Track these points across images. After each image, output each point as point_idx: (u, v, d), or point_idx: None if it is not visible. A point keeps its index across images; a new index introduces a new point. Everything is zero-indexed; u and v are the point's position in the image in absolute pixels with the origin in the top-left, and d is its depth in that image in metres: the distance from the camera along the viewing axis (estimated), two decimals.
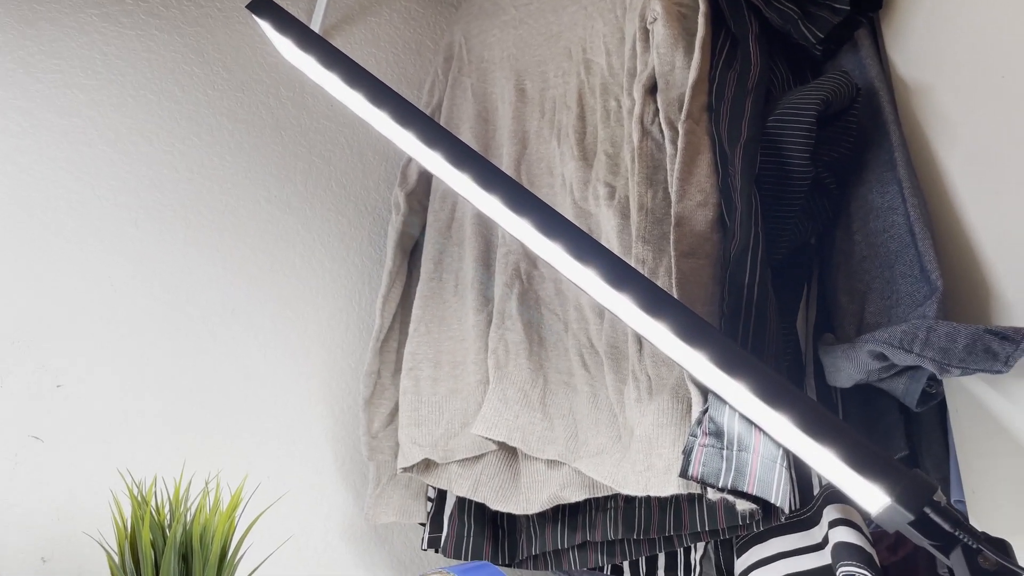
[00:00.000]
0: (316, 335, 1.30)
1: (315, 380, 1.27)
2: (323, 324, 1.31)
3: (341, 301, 1.33)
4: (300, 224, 1.34)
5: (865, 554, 0.70)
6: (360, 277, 1.36)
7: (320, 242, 1.35)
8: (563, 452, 0.92)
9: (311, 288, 1.32)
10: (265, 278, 1.29)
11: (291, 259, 1.32)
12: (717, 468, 0.71)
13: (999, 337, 0.67)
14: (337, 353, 1.30)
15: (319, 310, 1.31)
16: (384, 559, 1.23)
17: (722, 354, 0.69)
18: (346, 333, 1.32)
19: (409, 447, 1.05)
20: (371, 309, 1.34)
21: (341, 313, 1.33)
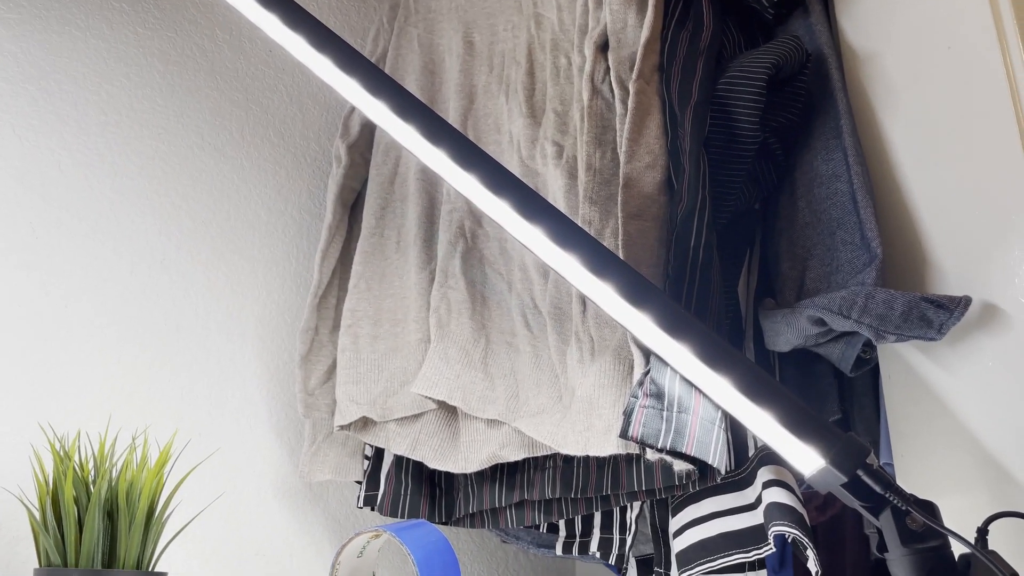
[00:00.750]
0: (251, 290, 1.26)
1: (249, 336, 1.24)
2: (258, 279, 1.27)
3: (278, 255, 1.30)
4: (235, 174, 1.29)
5: (797, 514, 0.71)
6: (298, 231, 1.32)
7: (256, 193, 1.30)
8: (503, 412, 0.92)
9: (246, 241, 1.28)
10: (197, 229, 1.24)
11: (225, 210, 1.27)
12: (657, 429, 0.72)
13: (935, 305, 0.68)
14: (273, 308, 1.27)
15: (254, 264, 1.27)
16: (319, 517, 1.22)
17: (666, 316, 0.69)
18: (282, 288, 1.29)
19: (347, 405, 1.03)
20: (309, 264, 1.31)
21: (277, 267, 1.29)
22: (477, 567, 1.34)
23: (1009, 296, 0.67)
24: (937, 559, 0.58)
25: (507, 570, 1.37)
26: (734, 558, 0.77)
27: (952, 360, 0.70)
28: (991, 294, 0.68)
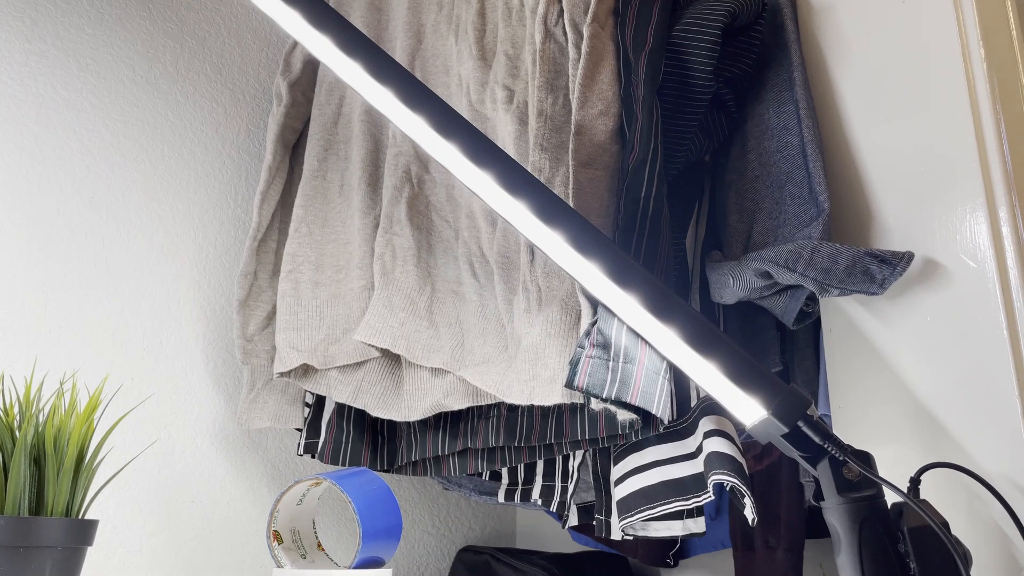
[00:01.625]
0: (186, 231, 1.21)
1: (185, 279, 1.20)
2: (194, 220, 1.22)
3: (215, 196, 1.25)
4: (169, 109, 1.23)
5: (736, 463, 0.72)
6: (236, 171, 1.27)
7: (192, 130, 1.25)
8: (448, 360, 0.91)
9: (181, 180, 1.22)
10: (129, 166, 1.18)
11: (159, 147, 1.21)
12: (602, 379, 0.72)
13: (878, 260, 0.69)
14: (210, 251, 1.23)
15: (190, 204, 1.22)
16: (258, 465, 1.20)
17: (615, 266, 0.69)
18: (220, 231, 1.24)
19: (287, 351, 1.01)
20: (248, 206, 1.26)
21: (215, 209, 1.25)
22: (419, 514, 1.35)
23: (950, 253, 0.68)
24: (871, 508, 0.60)
25: (449, 517, 1.38)
26: (673, 506, 0.78)
27: (892, 314, 0.72)
28: (933, 250, 0.69)
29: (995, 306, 0.64)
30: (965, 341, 0.66)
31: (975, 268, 0.66)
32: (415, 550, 1.33)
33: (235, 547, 1.15)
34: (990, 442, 0.63)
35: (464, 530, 1.39)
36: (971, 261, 0.67)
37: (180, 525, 1.12)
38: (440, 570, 1.34)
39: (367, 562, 0.76)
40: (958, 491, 0.64)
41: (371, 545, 0.76)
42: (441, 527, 1.36)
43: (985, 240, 0.66)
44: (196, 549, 1.13)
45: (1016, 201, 0.66)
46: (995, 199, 0.67)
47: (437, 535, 1.36)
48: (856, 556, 0.59)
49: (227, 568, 1.14)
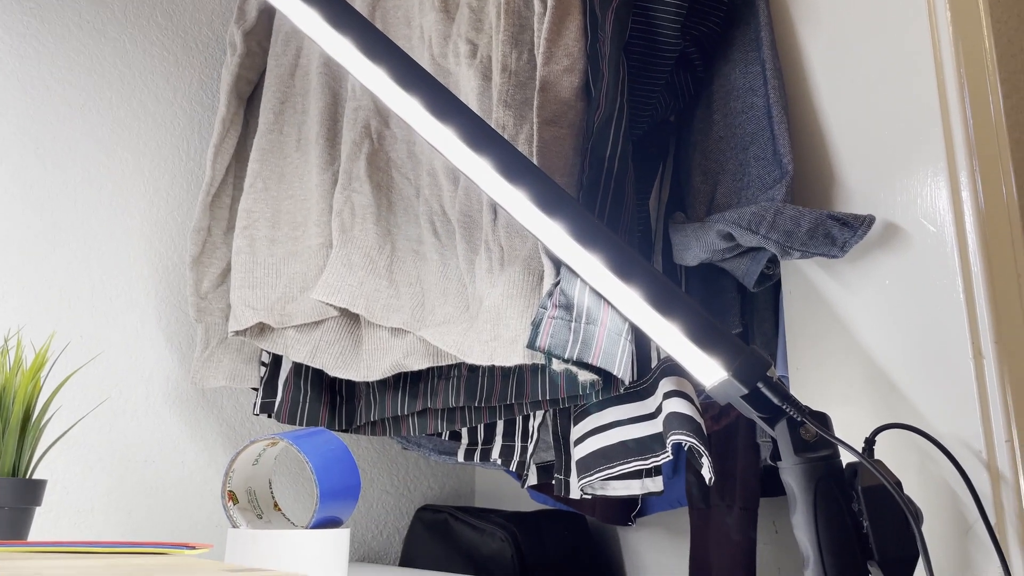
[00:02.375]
0: (137, 185, 1.17)
1: (135, 234, 1.16)
2: (145, 173, 1.18)
3: (166, 149, 1.21)
4: (118, 57, 1.18)
5: (695, 423, 0.73)
6: (189, 123, 1.23)
7: (142, 80, 1.20)
8: (408, 320, 0.90)
9: (131, 132, 1.18)
10: (76, 116, 1.14)
11: (107, 97, 1.17)
12: (564, 340, 0.71)
13: (840, 223, 0.69)
14: (161, 206, 1.19)
15: (140, 157, 1.18)
16: (213, 424, 1.18)
17: (579, 226, 0.68)
18: (172, 184, 1.21)
19: (242, 310, 0.99)
20: (201, 159, 1.23)
21: (166, 162, 1.21)
22: (377, 474, 1.34)
23: (910, 216, 0.69)
24: (827, 468, 0.61)
25: (407, 476, 1.38)
26: (632, 465, 0.78)
27: (851, 277, 0.72)
28: (893, 214, 0.70)
29: (952, 270, 0.65)
30: (922, 304, 0.67)
31: (934, 232, 0.67)
32: (373, 509, 1.33)
33: (190, 507, 1.14)
34: (943, 404, 0.64)
35: (423, 489, 1.39)
36: (930, 225, 0.67)
37: (133, 485, 1.10)
38: (398, 529, 1.34)
39: (325, 522, 0.76)
40: (911, 451, 0.65)
41: (329, 505, 0.75)
42: (400, 486, 1.36)
43: (945, 204, 0.67)
44: (150, 509, 1.11)
45: (976, 167, 0.67)
46: (956, 164, 0.67)
47: (396, 494, 1.36)
48: (811, 515, 0.60)
49: (181, 528, 1.12)
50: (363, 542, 1.30)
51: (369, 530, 1.31)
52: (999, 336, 0.63)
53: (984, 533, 0.59)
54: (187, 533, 1.12)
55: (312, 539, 0.72)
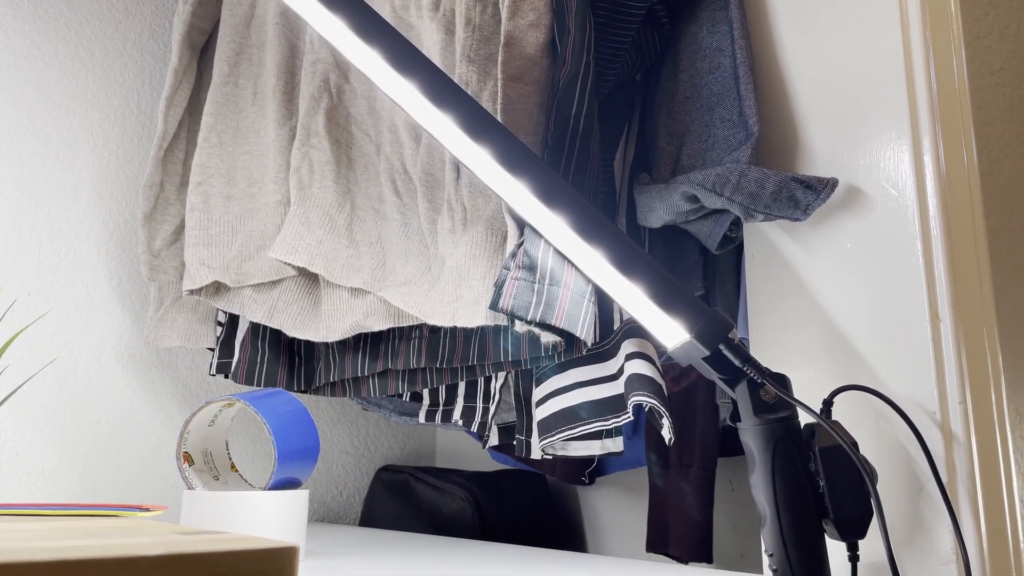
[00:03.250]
0: (85, 138, 1.13)
1: (84, 189, 1.12)
2: (93, 126, 1.14)
3: (116, 100, 1.16)
4: (64, 4, 1.13)
5: (656, 385, 0.73)
6: (139, 74, 1.19)
7: (89, 28, 1.15)
8: (369, 281, 0.88)
9: (78, 82, 1.13)
10: (20, 65, 1.08)
11: (53, 46, 1.12)
12: (527, 301, 0.70)
13: (803, 186, 0.69)
14: (111, 160, 1.15)
15: (89, 109, 1.14)
16: (167, 385, 1.16)
17: (544, 185, 0.67)
18: (122, 138, 1.16)
19: (196, 268, 0.96)
20: (152, 112, 1.18)
21: (116, 115, 1.16)
22: (337, 434, 1.33)
23: (873, 180, 0.69)
24: (785, 428, 0.61)
25: (368, 437, 1.37)
26: (593, 426, 0.78)
27: (813, 240, 0.72)
28: (856, 177, 0.70)
29: (913, 233, 0.66)
30: (882, 268, 0.67)
31: (896, 196, 0.67)
32: (333, 470, 1.32)
33: (145, 468, 1.12)
34: (900, 366, 0.65)
35: (383, 450, 1.39)
36: (892, 189, 0.68)
37: (85, 446, 1.08)
38: (359, 489, 1.34)
39: (283, 483, 0.75)
40: (867, 413, 0.66)
41: (287, 466, 0.74)
42: (360, 447, 1.36)
43: (907, 168, 0.67)
44: (103, 471, 1.09)
45: (939, 131, 0.67)
46: (919, 128, 0.67)
47: (356, 455, 1.35)
48: (769, 475, 0.61)
49: (136, 490, 1.11)
50: (323, 503, 1.30)
51: (329, 491, 1.31)
52: (956, 300, 0.64)
53: (936, 492, 0.61)
54: (142, 495, 1.11)
55: (270, 500, 0.71)
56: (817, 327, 0.71)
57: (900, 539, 0.63)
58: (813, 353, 0.71)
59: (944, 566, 0.60)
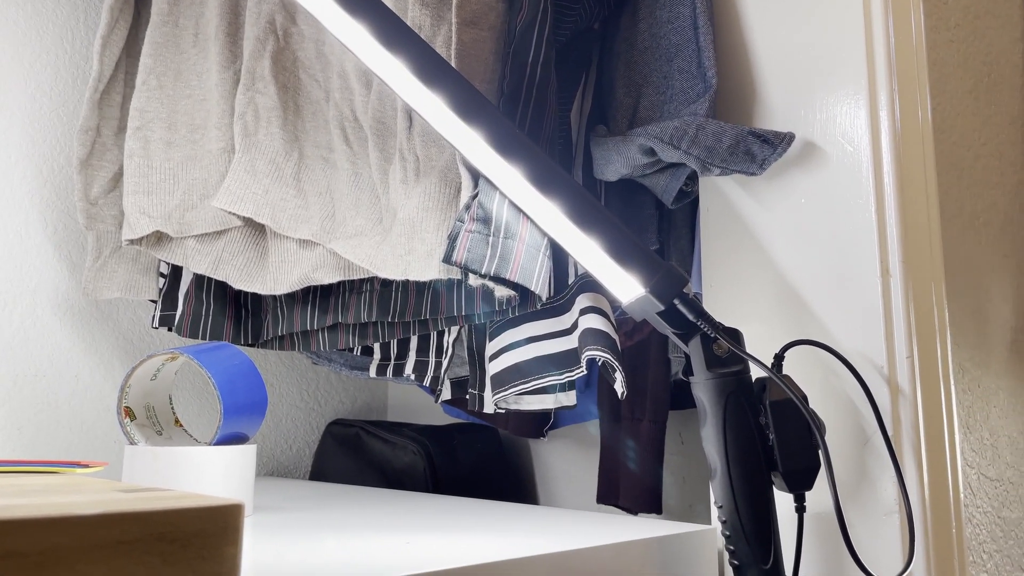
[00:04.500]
0: (15, 79, 1.07)
1: (15, 132, 1.06)
2: (24, 66, 1.08)
3: (48, 39, 1.10)
4: None
5: (609, 339, 0.73)
6: (72, 11, 1.12)
7: None
8: (318, 232, 0.86)
9: (6, 18, 1.07)
10: None
11: None
12: (482, 255, 0.69)
13: (760, 140, 0.69)
14: (43, 102, 1.09)
15: (18, 48, 1.07)
16: (108, 337, 1.12)
17: (499, 135, 0.65)
18: (55, 79, 1.10)
19: (136, 217, 0.92)
20: (87, 52, 1.12)
21: (48, 54, 1.10)
22: (286, 388, 1.31)
23: (829, 135, 0.69)
24: (737, 383, 0.61)
25: (318, 391, 1.35)
26: (547, 380, 0.78)
27: (768, 195, 0.72)
28: (812, 133, 0.70)
29: (866, 189, 0.66)
30: (835, 223, 0.67)
31: (851, 152, 0.67)
32: (283, 424, 1.30)
33: (85, 423, 1.09)
34: (850, 321, 0.65)
35: (334, 404, 1.37)
36: (848, 145, 0.67)
37: (22, 401, 1.04)
38: (309, 443, 1.33)
39: (229, 438, 0.73)
40: (816, 367, 0.67)
41: (233, 421, 0.72)
42: (310, 401, 1.34)
43: (863, 124, 0.67)
44: (41, 425, 1.05)
45: (896, 87, 0.67)
46: (876, 84, 0.67)
47: (306, 409, 1.33)
48: (720, 428, 0.61)
49: (76, 445, 1.08)
50: (272, 456, 1.28)
51: (278, 445, 1.29)
52: (906, 255, 0.64)
53: (881, 444, 0.62)
54: (83, 451, 1.08)
55: (215, 456, 0.70)
56: (770, 282, 0.71)
57: (845, 491, 0.64)
58: (766, 308, 0.71)
59: (887, 516, 0.62)
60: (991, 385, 0.76)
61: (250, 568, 0.50)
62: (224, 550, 0.41)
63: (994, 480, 0.73)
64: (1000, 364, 0.78)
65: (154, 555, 0.39)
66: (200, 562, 0.40)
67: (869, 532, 0.62)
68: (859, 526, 0.63)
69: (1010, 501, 0.75)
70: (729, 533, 0.61)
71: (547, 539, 0.64)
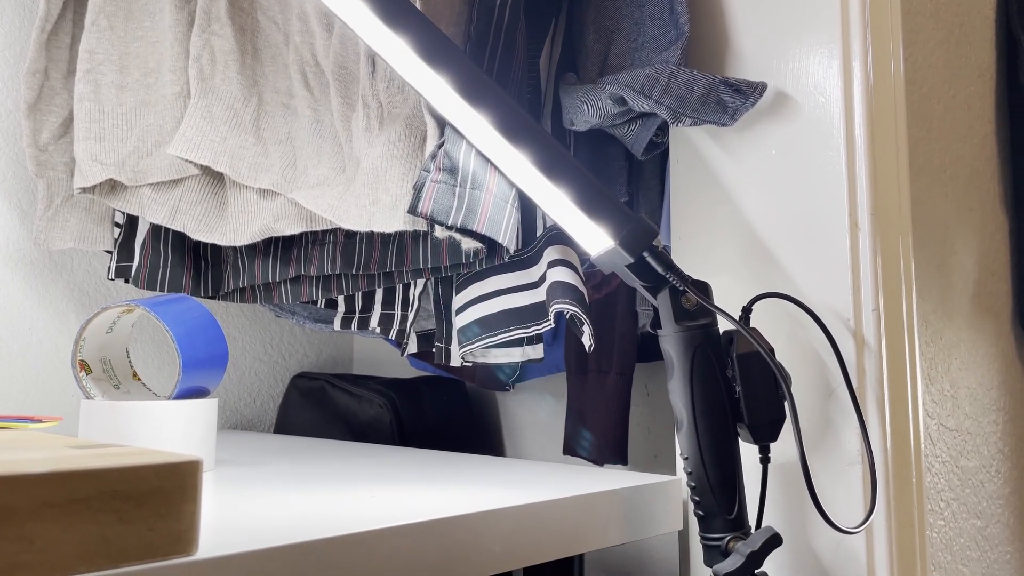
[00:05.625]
0: None
1: None
2: None
3: None
4: None
5: (578, 292, 0.72)
6: None
7: None
8: (278, 181, 0.83)
9: None
10: None
11: None
12: (448, 206, 0.67)
13: (732, 89, 0.68)
14: None
15: None
16: (63, 289, 1.09)
17: (466, 80, 0.63)
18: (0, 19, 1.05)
19: (88, 164, 0.89)
20: None
21: None
22: (249, 341, 1.29)
23: (801, 86, 0.68)
24: (705, 335, 0.61)
25: (282, 344, 1.34)
26: (514, 333, 0.77)
27: (738, 146, 0.71)
28: (784, 83, 0.69)
29: (837, 140, 0.65)
30: (805, 175, 0.67)
31: (823, 103, 0.66)
32: (246, 377, 1.28)
33: (40, 377, 1.06)
34: (818, 273, 0.65)
35: (298, 357, 1.35)
36: (820, 95, 0.67)
37: None
38: (273, 397, 1.31)
39: (189, 392, 0.71)
40: (783, 320, 0.67)
41: (193, 375, 0.71)
42: (274, 354, 1.32)
43: (836, 75, 0.66)
44: None
45: (869, 38, 0.66)
46: (850, 34, 0.66)
47: (270, 362, 1.32)
48: (687, 381, 0.61)
49: (31, 399, 1.05)
50: (235, 410, 1.27)
51: (242, 398, 1.28)
52: (875, 208, 0.64)
53: (846, 396, 0.62)
54: (38, 406, 1.05)
55: (174, 410, 0.68)
56: (739, 234, 0.71)
57: (809, 442, 0.64)
58: (734, 260, 0.71)
59: (850, 466, 0.62)
60: (953, 337, 0.77)
61: (211, 524, 0.49)
62: (182, 507, 0.40)
63: (953, 430, 0.74)
64: (962, 317, 0.79)
65: (108, 513, 0.37)
66: (157, 520, 0.39)
67: (831, 482, 0.63)
68: (822, 476, 0.64)
69: (967, 450, 0.76)
70: (694, 484, 0.61)
71: (513, 491, 0.64)
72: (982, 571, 0.76)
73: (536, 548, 0.59)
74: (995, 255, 0.87)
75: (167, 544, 0.39)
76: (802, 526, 0.64)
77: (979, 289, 0.83)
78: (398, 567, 0.49)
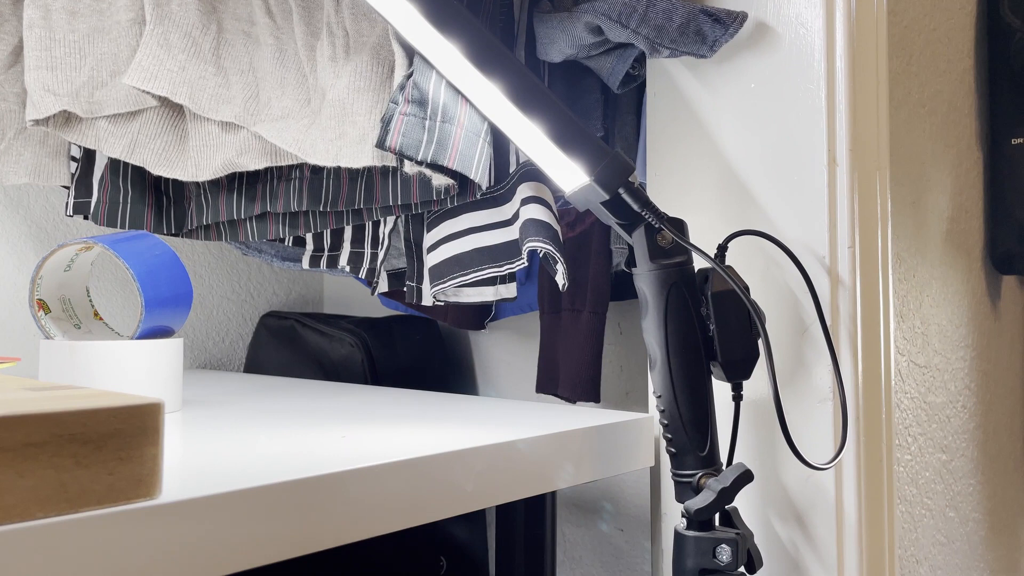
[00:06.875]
0: None
1: None
2: None
3: None
4: None
5: (551, 230, 0.71)
6: None
7: None
8: (240, 114, 0.80)
9: None
10: None
11: None
12: (418, 140, 0.65)
13: (712, 19, 0.65)
14: None
15: None
16: (19, 226, 1.05)
17: (434, 6, 0.60)
18: None
19: (41, 95, 0.84)
20: None
21: None
22: (216, 280, 1.27)
23: (782, 16, 0.66)
24: (680, 273, 0.60)
25: (250, 283, 1.31)
26: (487, 272, 0.76)
27: (717, 80, 0.69)
28: (765, 13, 0.66)
29: (818, 73, 0.63)
30: (784, 109, 0.65)
31: (804, 34, 0.64)
32: (214, 316, 1.26)
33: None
34: (793, 210, 0.64)
35: (267, 295, 1.33)
36: (801, 26, 0.65)
37: None
38: (242, 336, 1.30)
39: (153, 332, 0.70)
40: (759, 257, 0.66)
41: (156, 314, 0.69)
42: (242, 293, 1.30)
43: (818, 3, 0.64)
44: None
45: None
46: None
47: (238, 301, 1.29)
48: (661, 320, 0.61)
49: None
50: (204, 349, 1.25)
51: (210, 337, 1.26)
52: (854, 145, 0.63)
53: (819, 333, 0.62)
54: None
55: (138, 349, 0.66)
56: (716, 171, 0.69)
57: (782, 378, 0.64)
58: (711, 197, 0.69)
59: (821, 403, 0.63)
60: (925, 275, 0.77)
61: (176, 466, 0.48)
62: (144, 450, 0.38)
63: (923, 367, 0.75)
64: (935, 254, 0.79)
65: (65, 457, 0.36)
66: (117, 463, 0.37)
67: (803, 419, 0.64)
68: (793, 413, 0.64)
69: (935, 387, 0.77)
70: (667, 422, 0.61)
71: (486, 430, 0.63)
72: (946, 503, 0.78)
73: (509, 486, 0.59)
74: (969, 191, 0.87)
75: (128, 488, 0.38)
76: (773, 462, 0.65)
77: (952, 226, 0.83)
78: (369, 508, 0.49)
